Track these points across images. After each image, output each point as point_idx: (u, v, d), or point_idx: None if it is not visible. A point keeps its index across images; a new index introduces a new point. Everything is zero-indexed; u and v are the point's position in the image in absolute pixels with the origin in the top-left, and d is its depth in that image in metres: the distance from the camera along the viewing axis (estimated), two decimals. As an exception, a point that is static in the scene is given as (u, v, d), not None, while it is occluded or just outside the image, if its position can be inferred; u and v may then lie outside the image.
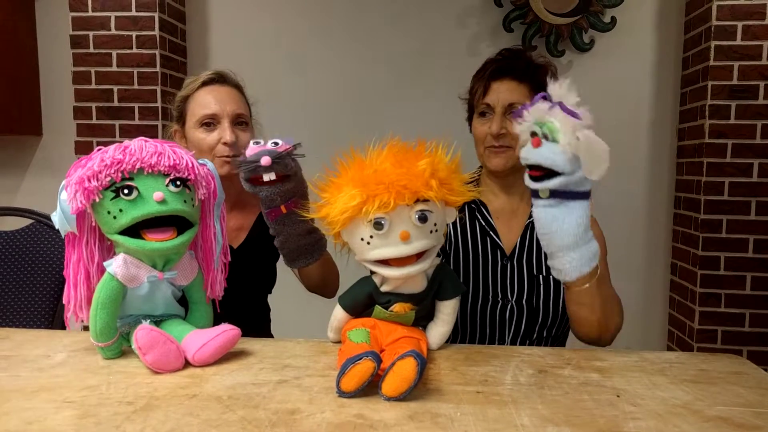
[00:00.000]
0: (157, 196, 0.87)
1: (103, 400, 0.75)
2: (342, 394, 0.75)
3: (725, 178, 2.18)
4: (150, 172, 0.88)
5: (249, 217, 1.37)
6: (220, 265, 1.02)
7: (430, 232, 0.87)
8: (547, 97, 0.86)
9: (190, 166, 0.92)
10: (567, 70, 2.44)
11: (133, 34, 2.36)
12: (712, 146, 2.17)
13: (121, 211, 0.87)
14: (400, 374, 0.73)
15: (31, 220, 1.52)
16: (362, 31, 2.52)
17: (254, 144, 0.97)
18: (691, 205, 2.28)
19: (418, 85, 2.50)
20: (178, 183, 0.90)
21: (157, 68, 2.37)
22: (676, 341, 2.41)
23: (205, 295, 1.01)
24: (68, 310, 0.94)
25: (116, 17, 2.36)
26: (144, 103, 2.38)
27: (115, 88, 2.39)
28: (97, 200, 0.87)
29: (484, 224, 1.25)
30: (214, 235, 1.00)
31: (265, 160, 0.93)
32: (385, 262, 0.87)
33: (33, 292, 1.48)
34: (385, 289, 0.92)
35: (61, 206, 0.89)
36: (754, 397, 0.78)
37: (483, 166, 1.28)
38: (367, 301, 0.94)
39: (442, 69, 2.46)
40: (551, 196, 0.89)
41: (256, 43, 2.55)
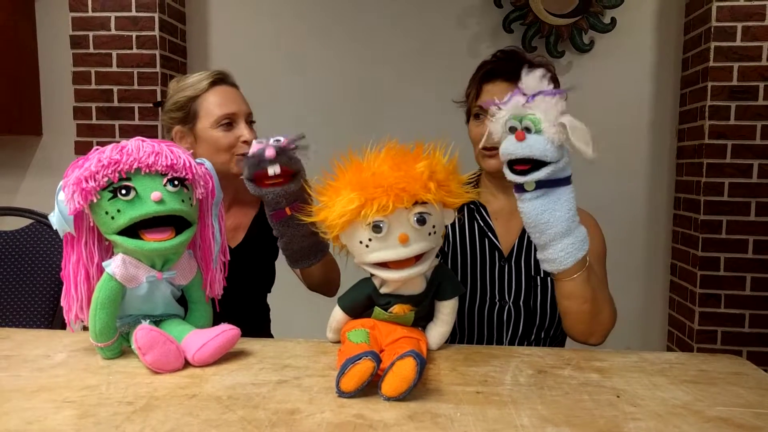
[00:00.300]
0: (155, 196, 0.87)
1: (102, 400, 0.75)
2: (342, 394, 0.75)
3: (725, 179, 2.18)
4: (147, 171, 0.88)
5: (246, 217, 1.37)
6: (219, 264, 1.02)
7: (429, 235, 0.87)
8: (522, 90, 0.86)
9: (188, 166, 0.92)
10: (567, 71, 2.44)
11: (133, 34, 2.36)
12: (712, 147, 2.18)
13: (119, 211, 0.87)
14: (400, 374, 0.73)
15: (31, 220, 1.52)
16: (362, 32, 2.52)
17: (257, 142, 0.98)
18: (691, 206, 2.28)
19: (418, 85, 2.50)
20: (176, 182, 0.90)
21: (157, 68, 2.37)
22: (676, 342, 2.41)
23: (205, 295, 1.01)
24: (68, 312, 0.94)
25: (116, 17, 2.36)
26: (144, 104, 2.38)
27: (115, 89, 2.39)
28: (95, 201, 0.86)
29: (483, 225, 1.25)
30: (212, 234, 1.00)
31: (270, 152, 0.93)
32: (384, 264, 0.87)
33: (33, 292, 1.48)
34: (384, 291, 0.92)
35: (58, 207, 0.89)
36: (753, 397, 0.78)
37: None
38: (366, 303, 0.94)
39: (442, 69, 2.46)
40: (537, 188, 0.89)
41: (256, 43, 2.56)
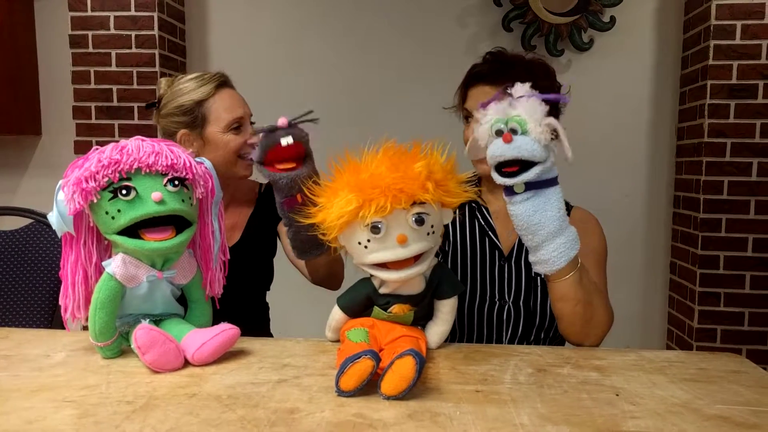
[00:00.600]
0: (156, 196, 0.87)
1: (102, 400, 0.75)
2: (341, 393, 0.75)
3: (724, 177, 2.18)
4: (148, 171, 0.88)
5: (242, 216, 1.37)
6: (218, 263, 1.02)
7: (427, 234, 0.87)
8: (510, 92, 0.87)
9: (188, 165, 0.92)
10: (566, 69, 2.44)
11: (133, 33, 2.36)
12: (712, 145, 2.18)
13: (119, 211, 0.87)
14: (399, 373, 0.73)
15: (31, 220, 1.53)
16: (361, 30, 2.52)
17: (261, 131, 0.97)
18: (691, 204, 2.28)
19: (417, 84, 2.49)
20: (176, 182, 0.90)
21: (157, 68, 2.36)
22: (676, 340, 2.41)
23: (205, 294, 1.01)
24: (66, 312, 0.94)
25: (115, 17, 2.35)
26: (143, 103, 2.37)
27: (115, 88, 2.39)
28: (95, 201, 0.86)
29: (483, 224, 1.25)
30: (212, 234, 1.00)
31: (282, 121, 0.93)
32: (383, 265, 0.87)
33: (32, 292, 1.48)
34: (383, 291, 0.92)
35: (58, 207, 0.89)
36: (753, 395, 0.78)
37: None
38: (365, 303, 0.94)
39: (441, 68, 2.45)
40: (527, 189, 0.89)
41: (256, 42, 2.55)
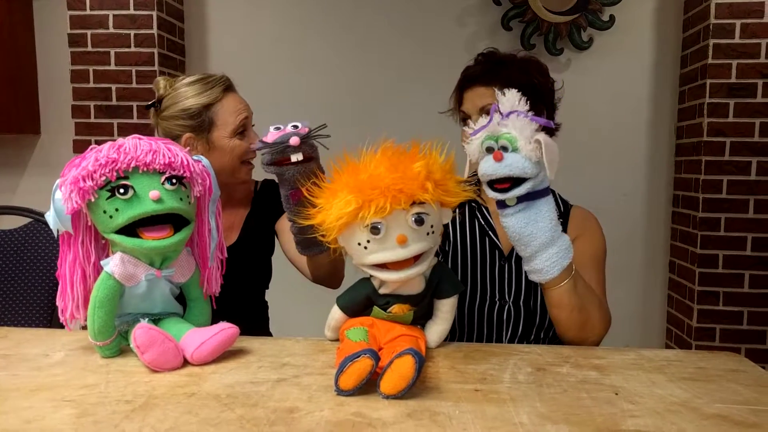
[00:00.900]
0: (153, 194, 0.87)
1: (101, 399, 0.75)
2: (340, 392, 0.75)
3: (724, 176, 2.18)
4: (145, 170, 0.88)
5: (239, 216, 1.37)
6: (216, 262, 1.02)
7: (427, 234, 0.87)
8: (498, 109, 0.87)
9: (186, 164, 0.91)
10: (565, 68, 2.44)
11: (132, 32, 2.35)
12: (711, 144, 2.18)
13: (117, 210, 0.86)
14: (399, 372, 0.73)
15: (30, 219, 1.52)
16: (361, 30, 2.51)
17: (275, 129, 0.95)
18: (690, 204, 2.28)
19: (417, 83, 2.49)
20: (174, 181, 0.90)
21: (156, 67, 2.36)
22: (675, 339, 2.41)
23: (203, 292, 1.01)
24: (64, 312, 0.94)
25: (114, 16, 2.35)
26: (142, 102, 2.37)
27: (114, 87, 2.38)
28: (93, 200, 0.86)
29: (484, 224, 1.25)
30: (208, 232, 1.00)
31: (294, 140, 0.92)
32: (382, 265, 0.87)
33: (31, 291, 1.48)
34: (383, 291, 0.92)
35: (55, 206, 0.89)
36: (751, 394, 0.78)
37: None
38: (365, 303, 0.94)
39: (441, 67, 2.44)
40: (519, 202, 0.91)
41: (255, 41, 2.55)
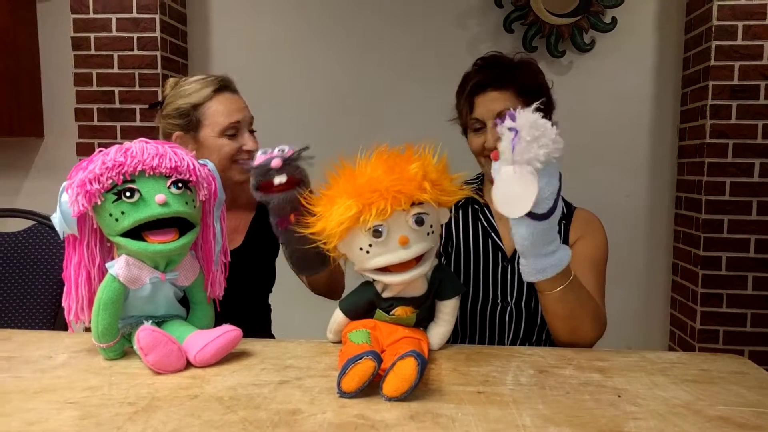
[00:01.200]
0: (159, 198, 0.87)
1: (104, 401, 0.75)
2: (343, 394, 0.75)
3: (726, 178, 2.17)
4: (151, 174, 0.88)
5: (244, 219, 1.37)
6: (219, 266, 1.02)
7: (427, 234, 0.87)
8: (512, 116, 0.85)
9: (192, 168, 0.92)
10: (567, 70, 2.44)
11: (134, 36, 2.36)
12: (713, 146, 2.17)
13: (123, 213, 0.87)
14: (401, 374, 0.74)
15: (33, 222, 1.53)
16: (362, 32, 2.52)
17: (262, 153, 0.96)
18: (693, 206, 2.28)
19: (418, 86, 2.49)
20: (180, 185, 0.90)
21: (158, 70, 2.37)
22: (678, 341, 2.41)
23: (207, 295, 1.02)
24: (68, 313, 0.94)
25: (117, 19, 2.36)
26: (145, 105, 2.38)
27: (117, 90, 2.39)
28: (99, 203, 0.87)
29: (487, 225, 1.25)
30: (213, 236, 1.00)
31: (276, 162, 0.92)
32: (385, 269, 0.87)
33: (35, 294, 1.48)
34: (386, 295, 0.92)
35: (61, 209, 0.89)
36: (755, 397, 0.78)
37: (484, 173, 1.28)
38: (367, 307, 0.94)
39: (442, 70, 2.45)
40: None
41: (257, 44, 2.56)
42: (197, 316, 1.01)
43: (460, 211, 1.29)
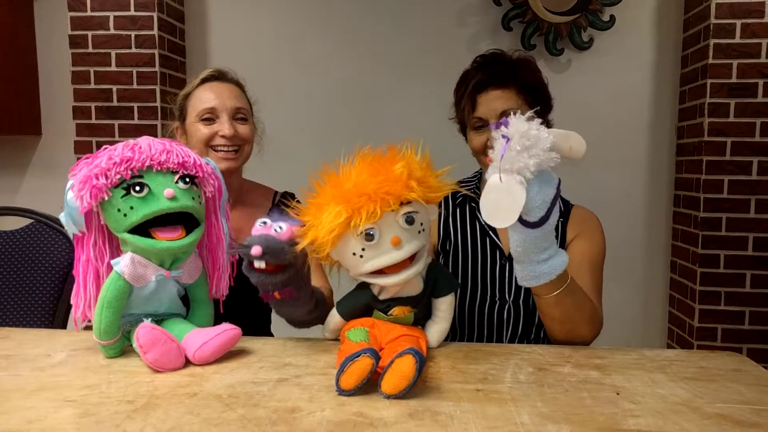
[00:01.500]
0: (168, 192, 0.87)
1: (103, 399, 0.75)
2: (341, 392, 0.75)
3: (725, 176, 2.18)
4: (159, 169, 0.89)
5: (250, 221, 1.37)
6: (227, 263, 1.02)
7: (419, 233, 0.87)
8: (505, 124, 0.84)
9: (198, 164, 0.93)
10: (566, 68, 2.44)
11: (132, 33, 2.36)
12: (712, 144, 2.18)
13: (131, 208, 0.87)
14: (399, 372, 0.74)
15: (31, 220, 1.52)
16: (361, 30, 2.52)
17: (261, 224, 0.89)
18: (691, 203, 2.28)
19: (417, 83, 2.49)
20: (187, 180, 0.91)
21: (156, 68, 2.36)
22: (676, 339, 2.41)
23: (208, 294, 1.02)
24: (76, 310, 0.94)
25: (115, 17, 2.35)
26: (143, 103, 2.38)
27: (114, 88, 2.39)
28: (106, 198, 0.86)
29: (484, 224, 1.25)
30: (219, 234, 1.01)
31: (256, 250, 0.84)
32: (380, 271, 0.87)
33: (33, 292, 1.48)
34: (383, 297, 0.92)
35: (68, 207, 0.89)
36: (753, 394, 0.78)
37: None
38: (364, 309, 0.95)
39: (441, 67, 2.46)
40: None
41: (256, 42, 2.55)
42: (197, 315, 1.01)
43: (458, 210, 1.29)
